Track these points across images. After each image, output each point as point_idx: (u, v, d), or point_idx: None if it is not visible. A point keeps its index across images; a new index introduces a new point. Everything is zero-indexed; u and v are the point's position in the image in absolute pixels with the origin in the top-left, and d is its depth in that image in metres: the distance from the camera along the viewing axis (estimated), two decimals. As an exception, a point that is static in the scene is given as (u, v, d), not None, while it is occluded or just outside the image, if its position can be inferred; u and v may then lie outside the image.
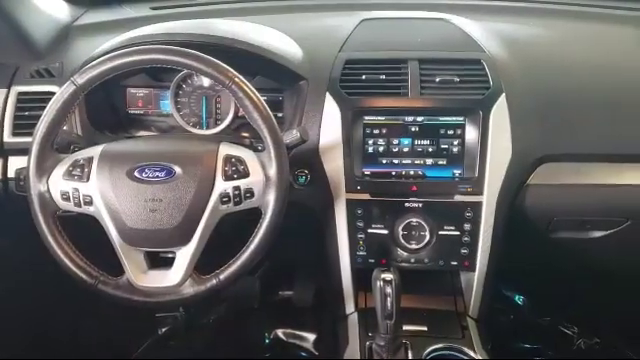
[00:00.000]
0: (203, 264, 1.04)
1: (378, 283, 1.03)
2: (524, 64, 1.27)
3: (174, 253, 1.04)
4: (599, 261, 1.50)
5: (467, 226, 1.20)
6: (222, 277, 1.03)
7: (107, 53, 1.02)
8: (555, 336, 1.85)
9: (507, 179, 1.19)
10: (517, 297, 1.97)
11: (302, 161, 1.20)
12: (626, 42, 1.41)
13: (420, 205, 1.20)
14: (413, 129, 1.20)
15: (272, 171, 1.02)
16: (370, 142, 1.21)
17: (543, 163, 1.22)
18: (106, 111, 1.34)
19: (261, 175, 1.02)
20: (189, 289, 1.04)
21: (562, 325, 1.86)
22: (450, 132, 1.19)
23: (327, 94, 1.20)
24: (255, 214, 1.03)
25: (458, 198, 1.19)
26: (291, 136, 1.07)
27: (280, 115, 1.31)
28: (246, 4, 1.60)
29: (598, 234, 1.32)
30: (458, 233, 1.21)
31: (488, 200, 1.19)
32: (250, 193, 1.02)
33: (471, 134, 1.19)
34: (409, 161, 1.21)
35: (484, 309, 1.27)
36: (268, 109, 1.02)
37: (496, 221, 1.20)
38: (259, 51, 1.21)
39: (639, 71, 1.30)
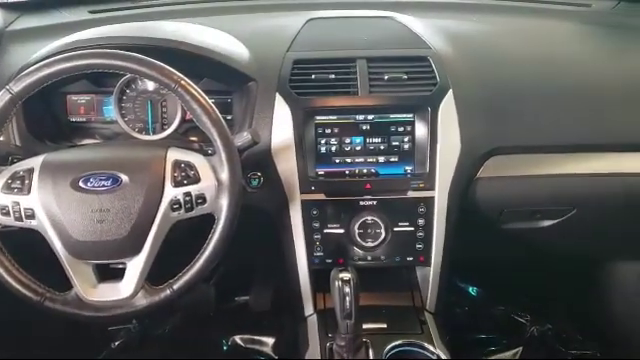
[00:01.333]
0: (156, 274, 1.01)
1: (336, 283, 1.03)
2: (469, 60, 1.29)
3: (124, 264, 1.00)
4: (548, 249, 1.54)
5: (421, 221, 1.21)
6: (176, 287, 1.00)
7: (45, 59, 0.97)
8: (509, 325, 1.89)
9: (457, 173, 1.21)
10: (471, 289, 2.01)
11: (254, 164, 1.18)
12: (565, 36, 1.46)
13: (374, 203, 1.21)
14: (364, 127, 1.20)
15: (224, 175, 0.99)
16: (322, 142, 1.20)
17: (492, 156, 1.25)
18: (46, 120, 1.29)
19: (212, 180, 1.00)
20: (142, 301, 1.01)
21: (515, 314, 1.91)
22: (400, 129, 1.20)
23: (277, 95, 1.19)
24: (208, 220, 1.00)
25: (411, 194, 1.20)
26: (242, 138, 1.05)
27: (229, 117, 1.29)
28: (189, 6, 1.56)
29: (547, 223, 1.36)
30: (412, 229, 1.22)
31: (440, 195, 1.20)
32: (202, 199, 0.99)
33: (421, 130, 1.20)
34: (362, 159, 1.21)
35: (441, 302, 1.28)
36: (217, 112, 1.00)
37: (448, 215, 1.22)
38: (205, 52, 1.19)
39: (579, 63, 1.35)
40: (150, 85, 1.29)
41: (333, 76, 1.21)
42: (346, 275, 1.03)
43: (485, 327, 1.90)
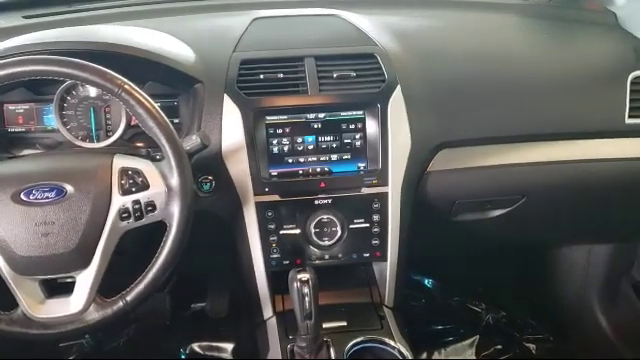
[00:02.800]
0: (107, 286, 0.98)
1: (295, 284, 1.02)
2: (415, 56, 1.30)
3: (73, 278, 0.97)
4: (500, 238, 1.58)
5: (376, 217, 1.22)
6: (129, 298, 0.97)
7: (-23, 67, 0.92)
8: (465, 314, 1.93)
9: (409, 168, 1.22)
10: (427, 281, 2.04)
11: (205, 167, 1.15)
12: (508, 29, 1.49)
13: (329, 201, 1.21)
14: (316, 126, 1.19)
15: (174, 181, 0.97)
16: (274, 142, 1.19)
17: (441, 150, 1.27)
18: (-18, 131, 1.22)
19: (162, 186, 0.97)
20: (94, 315, 0.97)
21: (470, 303, 1.96)
22: (351, 126, 1.20)
23: (225, 96, 1.17)
24: (160, 228, 0.98)
25: (365, 191, 1.21)
26: (191, 142, 1.02)
27: (177, 121, 1.26)
28: (128, 9, 1.51)
29: (497, 213, 1.39)
30: (368, 225, 1.22)
31: (393, 190, 1.21)
32: (152, 206, 0.97)
33: (371, 127, 1.20)
34: (315, 158, 1.20)
35: (399, 297, 1.30)
36: (164, 115, 0.97)
37: (402, 210, 1.23)
38: (148, 55, 1.15)
39: (522, 56, 1.38)
40: (92, 91, 1.25)
41: (282, 75, 1.20)
42: (304, 275, 1.02)
43: (442, 318, 1.93)
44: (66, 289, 0.98)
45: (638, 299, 1.68)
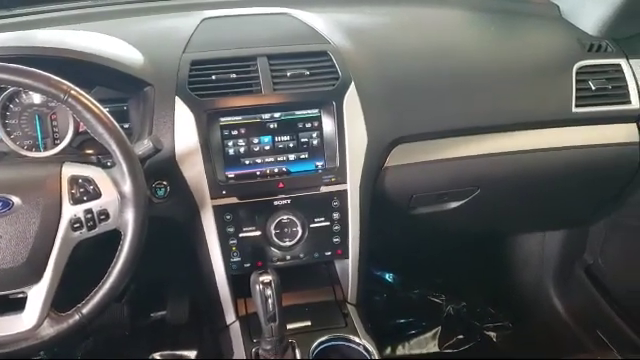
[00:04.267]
0: (62, 299, 0.94)
1: (257, 287, 1.01)
2: (367, 53, 1.31)
3: (25, 293, 0.93)
4: (457, 230, 1.61)
5: (336, 215, 1.22)
6: (85, 311, 0.94)
7: None
8: (426, 306, 1.96)
9: (366, 164, 1.23)
10: (387, 275, 2.06)
11: (159, 172, 1.13)
12: (456, 23, 1.51)
13: (289, 201, 1.20)
14: (272, 126, 1.18)
15: (126, 187, 0.94)
16: (230, 144, 1.17)
17: (397, 145, 1.28)
18: None
19: (115, 193, 0.94)
20: (48, 330, 0.93)
21: (431, 295, 1.98)
22: (308, 125, 1.20)
23: (176, 98, 1.14)
24: (114, 237, 0.95)
25: (324, 189, 1.20)
26: (143, 147, 1.00)
27: (127, 126, 1.22)
28: (72, 12, 1.46)
29: (454, 205, 1.42)
30: (328, 223, 1.22)
31: (352, 187, 1.21)
32: (105, 215, 0.94)
33: (328, 125, 1.20)
34: (272, 159, 1.19)
35: (361, 293, 1.30)
36: (113, 121, 0.94)
37: (362, 206, 1.23)
38: (94, 59, 1.11)
39: (471, 50, 1.41)
40: (36, 98, 1.20)
41: (234, 75, 1.18)
42: (266, 278, 1.01)
43: (404, 312, 1.96)
44: (18, 305, 0.94)
45: (591, 282, 1.74)
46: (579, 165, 1.41)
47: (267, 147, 1.19)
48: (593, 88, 1.37)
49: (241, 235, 1.19)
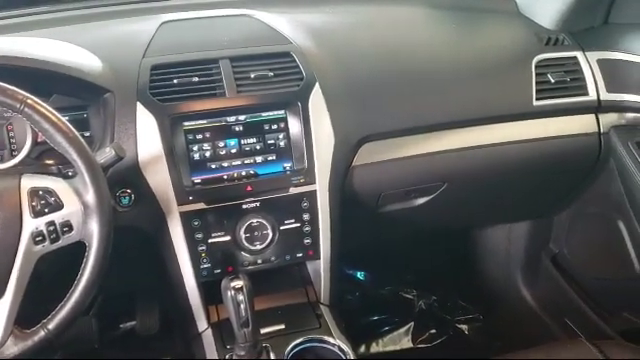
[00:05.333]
0: (26, 315, 0.91)
1: (229, 293, 0.99)
2: (331, 52, 1.31)
3: (-14, 311, 0.89)
4: (426, 225, 1.62)
5: (306, 216, 1.21)
6: (51, 326, 0.91)
7: None
8: (398, 303, 1.97)
9: (334, 164, 1.22)
10: (359, 274, 2.07)
11: (123, 180, 1.10)
12: (417, 21, 1.52)
13: (258, 204, 1.18)
14: (237, 129, 1.17)
15: (89, 197, 0.91)
16: (195, 148, 1.15)
17: (364, 143, 1.28)
18: None
19: (77, 204, 0.92)
20: (12, 349, 0.90)
21: (402, 291, 2.00)
22: (274, 127, 1.19)
23: (138, 104, 1.12)
24: (79, 248, 0.92)
25: (293, 190, 1.20)
26: (105, 155, 0.97)
27: (88, 134, 1.19)
28: (26, 18, 1.41)
29: (422, 200, 1.43)
30: (299, 225, 1.21)
31: (321, 187, 1.21)
32: (68, 226, 0.91)
33: (294, 126, 1.19)
34: (239, 162, 1.18)
35: (334, 293, 1.30)
36: (73, 129, 0.91)
37: (331, 206, 1.23)
38: (50, 67, 1.08)
39: (432, 47, 1.42)
40: None
41: (197, 79, 1.16)
42: (238, 283, 1.00)
43: (377, 309, 1.96)
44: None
45: (557, 271, 1.77)
46: (541, 157, 1.44)
47: (233, 150, 1.17)
48: (552, 81, 1.40)
49: (210, 241, 1.17)
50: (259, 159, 1.19)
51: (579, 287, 1.73)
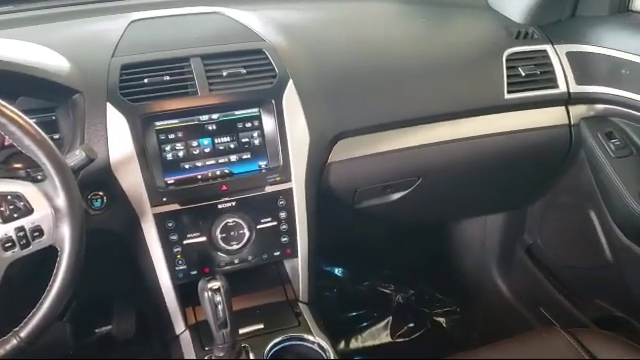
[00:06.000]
0: (-3, 324, 0.89)
1: (206, 294, 0.98)
2: (303, 49, 1.30)
3: (-46, 321, 0.87)
4: (402, 220, 1.63)
5: (282, 214, 1.21)
6: (24, 334, 0.88)
7: None
8: (376, 297, 1.98)
9: (310, 161, 1.22)
10: (336, 270, 2.07)
11: (94, 183, 1.08)
12: (387, 16, 1.52)
13: (233, 204, 1.17)
14: (210, 128, 1.15)
15: (60, 201, 0.89)
16: (167, 148, 1.13)
17: (339, 140, 1.27)
18: None
19: (48, 208, 0.89)
20: None
21: (380, 286, 2.01)
22: (248, 125, 1.18)
23: (108, 104, 1.10)
24: (51, 254, 0.90)
25: (269, 189, 1.19)
26: (75, 157, 0.95)
27: (57, 136, 1.16)
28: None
29: (397, 196, 1.43)
30: (275, 223, 1.21)
31: (297, 185, 1.20)
32: (38, 231, 0.89)
33: (268, 124, 1.19)
34: (213, 161, 1.16)
35: (312, 291, 1.30)
36: (41, 132, 0.89)
37: (308, 203, 1.23)
38: (14, 68, 1.04)
39: (403, 42, 1.42)
40: None
41: (168, 78, 1.14)
42: (215, 284, 0.98)
43: (355, 305, 1.97)
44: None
45: (531, 262, 1.80)
46: (514, 149, 1.46)
47: (207, 149, 1.16)
48: (523, 74, 1.42)
49: (185, 242, 1.16)
50: (233, 158, 1.17)
51: (553, 276, 1.76)
